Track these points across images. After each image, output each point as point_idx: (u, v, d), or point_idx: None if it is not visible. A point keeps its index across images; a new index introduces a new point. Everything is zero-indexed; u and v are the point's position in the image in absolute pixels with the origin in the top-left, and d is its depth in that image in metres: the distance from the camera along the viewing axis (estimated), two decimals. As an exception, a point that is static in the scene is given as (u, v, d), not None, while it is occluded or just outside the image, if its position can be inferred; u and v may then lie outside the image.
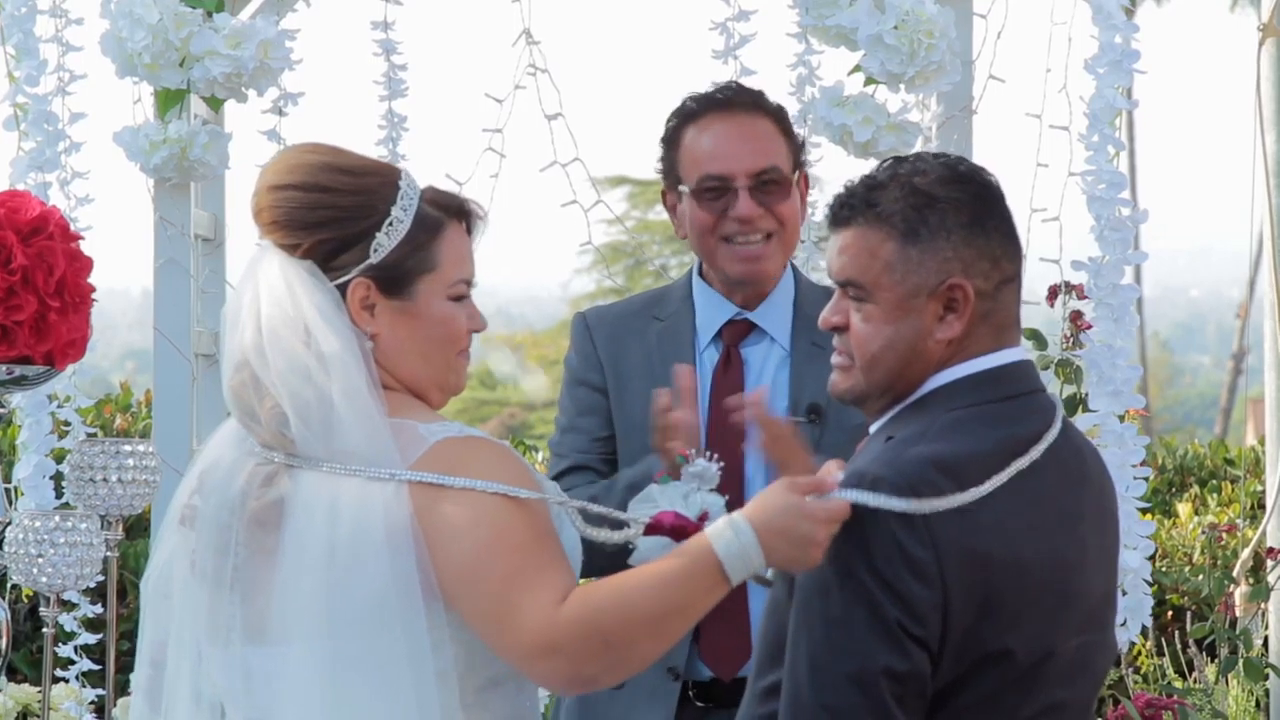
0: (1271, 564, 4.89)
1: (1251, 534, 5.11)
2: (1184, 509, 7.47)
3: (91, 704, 5.09)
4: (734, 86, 3.62)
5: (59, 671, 5.01)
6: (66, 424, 5.10)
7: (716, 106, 3.52)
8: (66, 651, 5.04)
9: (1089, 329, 4.46)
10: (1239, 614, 4.89)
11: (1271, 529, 4.96)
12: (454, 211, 2.70)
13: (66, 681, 5.08)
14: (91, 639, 5.08)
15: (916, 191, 2.52)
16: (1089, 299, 4.47)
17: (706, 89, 3.58)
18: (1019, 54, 4.63)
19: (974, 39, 4.62)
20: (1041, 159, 4.53)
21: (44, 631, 4.22)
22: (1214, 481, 8.07)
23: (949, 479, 2.43)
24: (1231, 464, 8.24)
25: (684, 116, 3.53)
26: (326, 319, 2.59)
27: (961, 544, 2.42)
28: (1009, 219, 2.59)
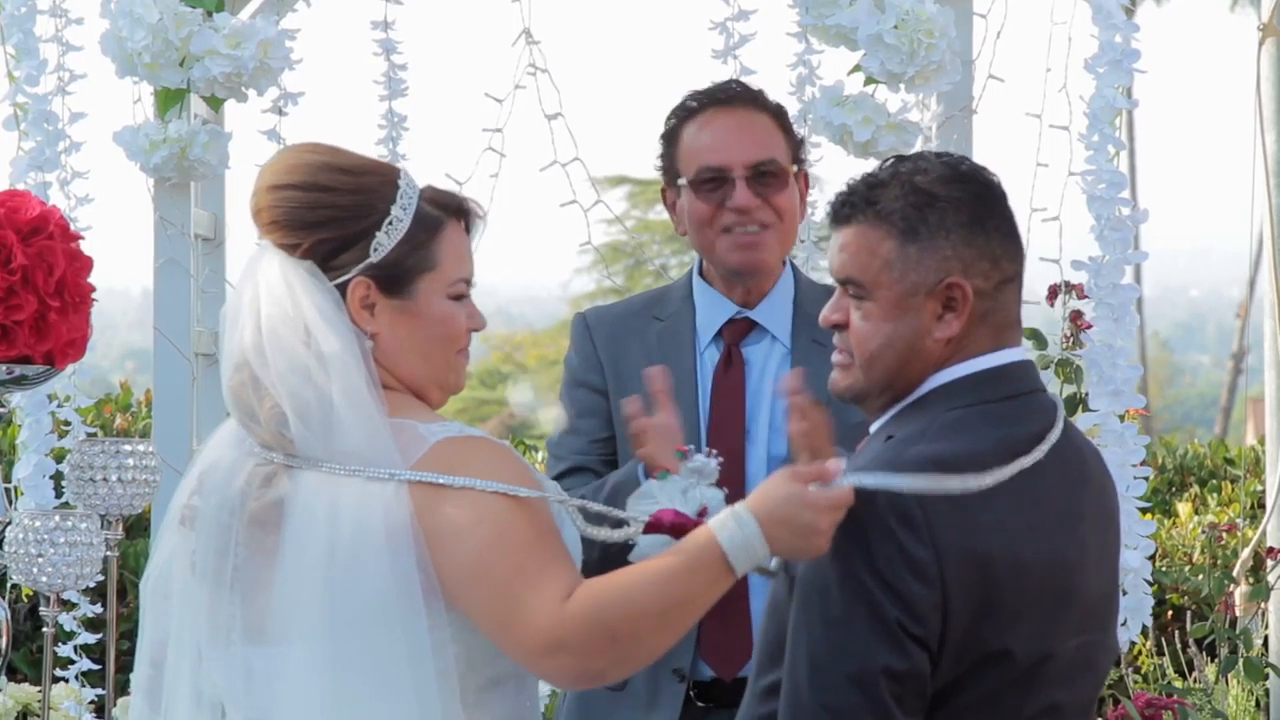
0: (1271, 564, 4.89)
1: (1251, 534, 5.11)
2: (1184, 509, 7.47)
3: (91, 703, 5.09)
4: (734, 85, 3.62)
5: (59, 671, 5.01)
6: (66, 424, 5.11)
7: (715, 103, 3.52)
8: (66, 651, 5.04)
9: (1089, 329, 4.46)
10: (1239, 614, 4.89)
11: (1271, 528, 4.96)
12: (453, 210, 2.70)
13: (66, 681, 5.08)
14: (91, 639, 5.08)
15: (917, 190, 2.52)
16: (1089, 298, 4.47)
17: (707, 87, 3.59)
18: (1019, 54, 4.63)
19: (974, 38, 4.62)
20: (1041, 159, 4.53)
21: (44, 631, 4.22)
22: (1214, 481, 8.07)
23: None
24: (1231, 463, 8.24)
25: (683, 113, 3.54)
26: (326, 319, 2.59)
27: (961, 544, 2.42)
28: (1011, 219, 2.59)
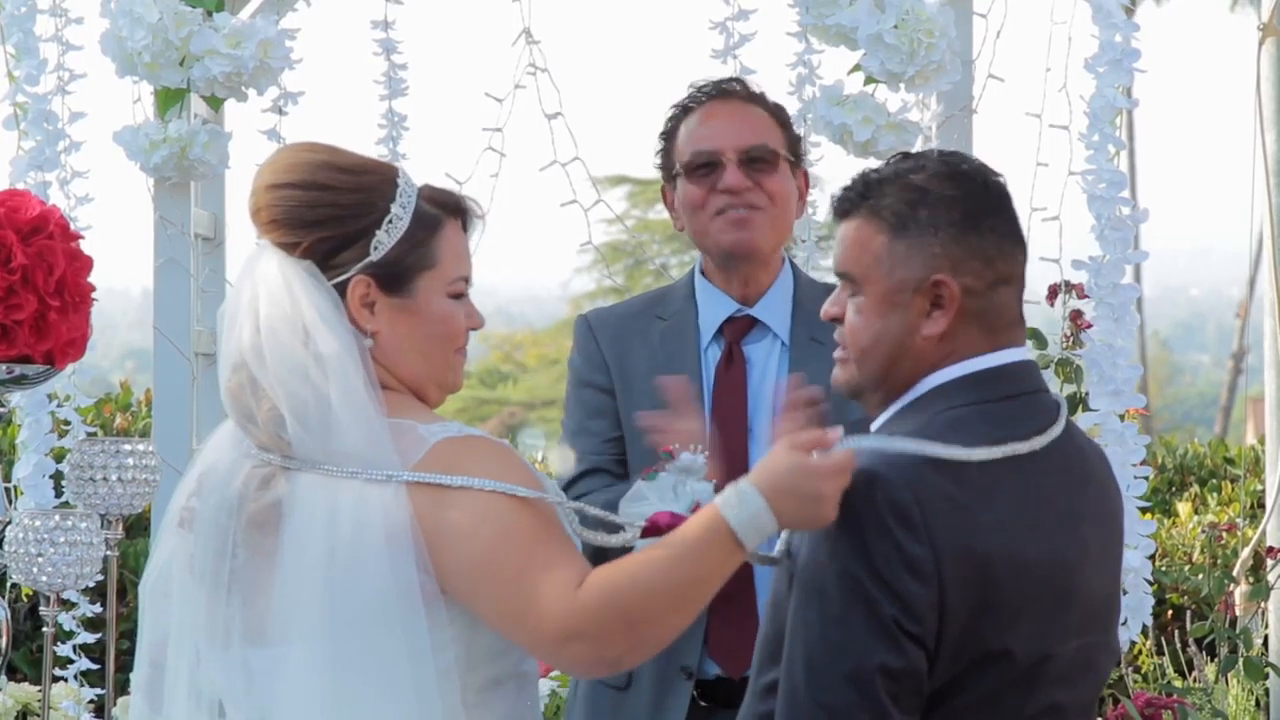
0: (1271, 563, 4.89)
1: (1251, 533, 5.11)
2: (1184, 508, 7.48)
3: (91, 703, 5.09)
4: (734, 83, 3.62)
5: (58, 671, 5.01)
6: (66, 423, 5.11)
7: (712, 98, 3.55)
8: (66, 650, 5.04)
9: (1089, 328, 4.46)
10: (1239, 613, 4.89)
11: (1271, 528, 4.96)
12: (451, 209, 2.70)
13: (65, 681, 5.08)
14: (91, 638, 5.07)
15: (910, 187, 2.53)
16: (1089, 298, 4.47)
17: (705, 84, 3.59)
18: (1019, 53, 4.63)
19: (974, 38, 4.62)
20: (1041, 158, 4.53)
21: (44, 630, 4.22)
22: (1214, 481, 8.08)
23: (946, 478, 2.43)
24: (1231, 463, 8.24)
25: (681, 111, 3.57)
26: (325, 319, 2.59)
27: (959, 542, 2.42)
28: (1010, 220, 2.58)
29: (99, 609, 5.05)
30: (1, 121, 4.96)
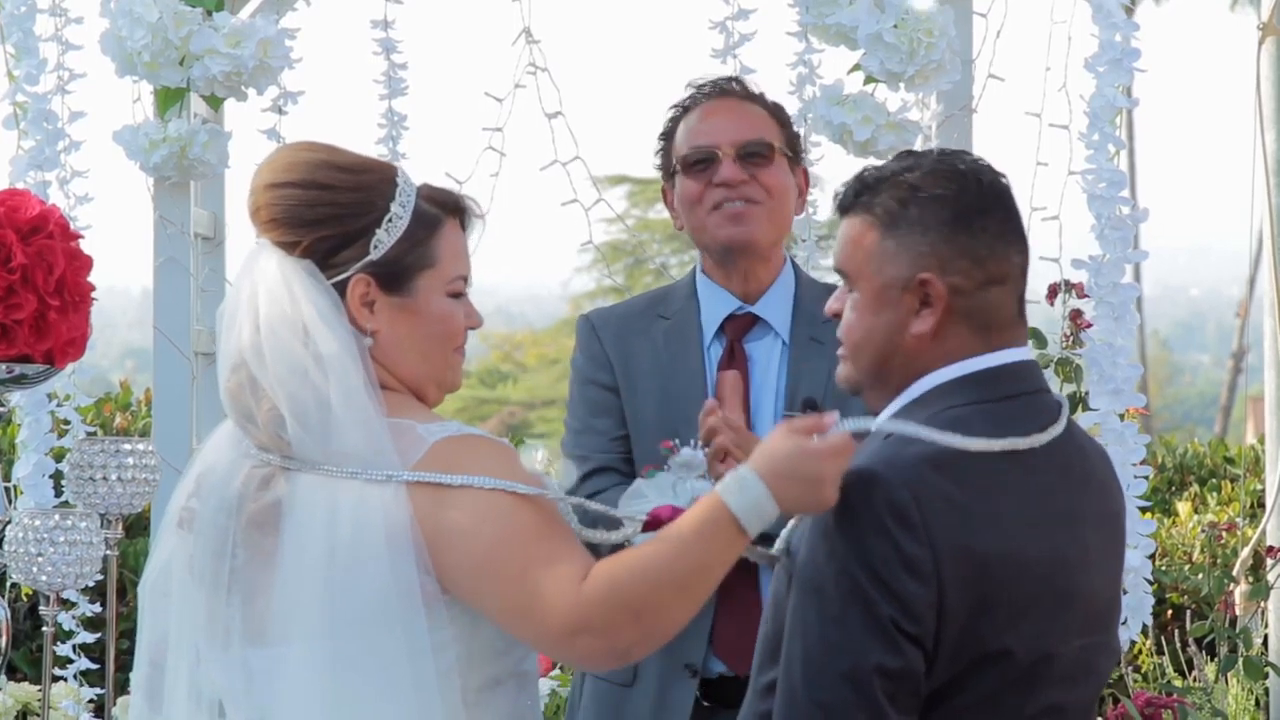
0: (1271, 562, 4.89)
1: (1251, 532, 5.11)
2: (1184, 508, 7.48)
3: (90, 702, 5.09)
4: (733, 82, 3.63)
5: (58, 670, 5.01)
6: (66, 423, 5.10)
7: (709, 97, 3.55)
8: (65, 650, 5.04)
9: (1089, 327, 4.46)
10: (1239, 613, 4.89)
11: (1271, 528, 4.96)
12: (450, 208, 2.70)
13: (65, 680, 5.08)
14: (90, 638, 5.07)
15: (902, 185, 2.54)
16: (1089, 297, 4.47)
17: (703, 83, 3.60)
18: (1019, 53, 4.63)
19: (974, 37, 4.62)
20: (1041, 157, 4.54)
21: (44, 630, 4.22)
22: (1214, 480, 8.08)
23: (945, 477, 2.43)
24: (1231, 462, 8.24)
25: (681, 110, 3.58)
26: (325, 319, 2.59)
27: (958, 542, 2.42)
28: (1004, 220, 2.56)
29: (99, 608, 5.05)
30: (1, 121, 4.96)
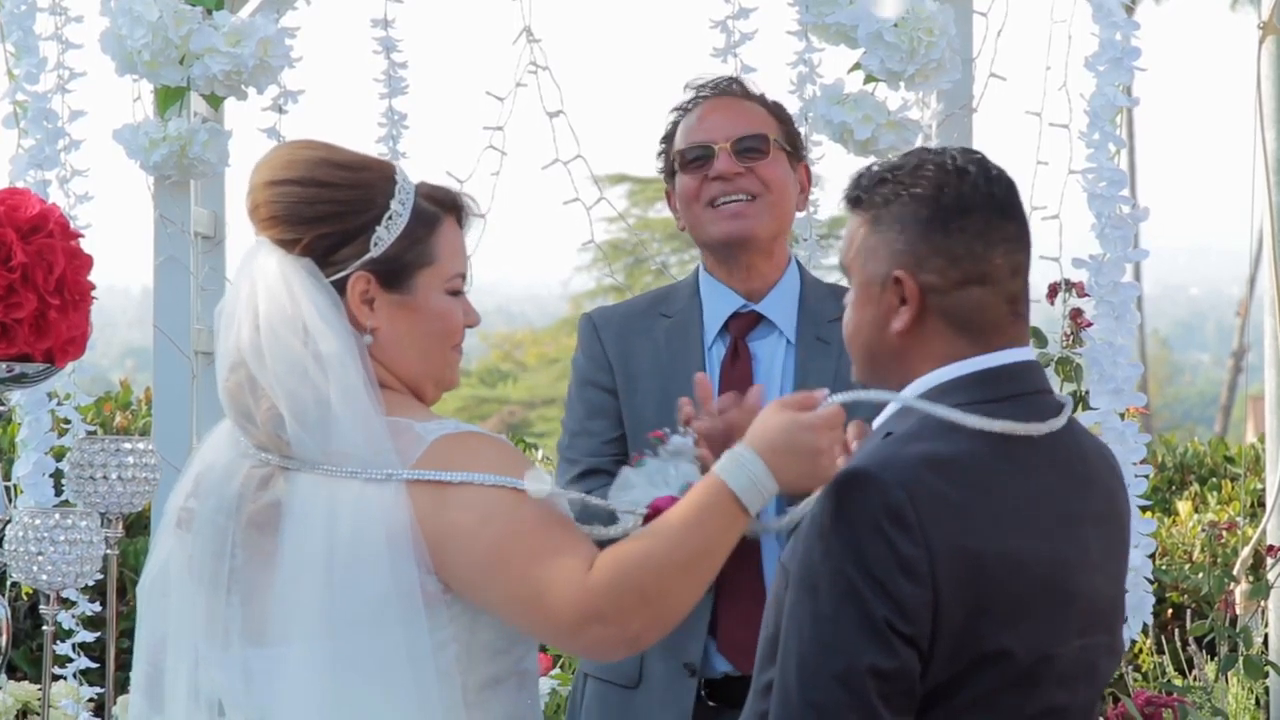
0: (1271, 562, 4.89)
1: (1251, 532, 5.11)
2: (1184, 507, 7.48)
3: (90, 701, 5.09)
4: (733, 82, 3.63)
5: (57, 669, 5.01)
6: (66, 422, 5.10)
7: (709, 96, 3.55)
8: (65, 649, 5.04)
9: (1089, 327, 4.46)
10: (1239, 612, 4.89)
11: (1271, 527, 4.96)
12: (449, 206, 2.70)
13: (65, 679, 5.08)
14: (90, 637, 5.07)
15: (891, 182, 2.55)
16: (1089, 297, 4.48)
17: (703, 83, 3.60)
18: (1019, 52, 4.63)
19: (974, 37, 4.62)
20: (1042, 157, 4.54)
21: (44, 629, 4.22)
22: (1214, 479, 8.08)
23: (942, 477, 2.43)
24: (1231, 462, 8.24)
25: (681, 112, 3.58)
26: (325, 318, 2.58)
27: (954, 542, 2.41)
28: (990, 221, 2.53)
29: (99, 607, 5.05)
30: (1, 120, 4.96)
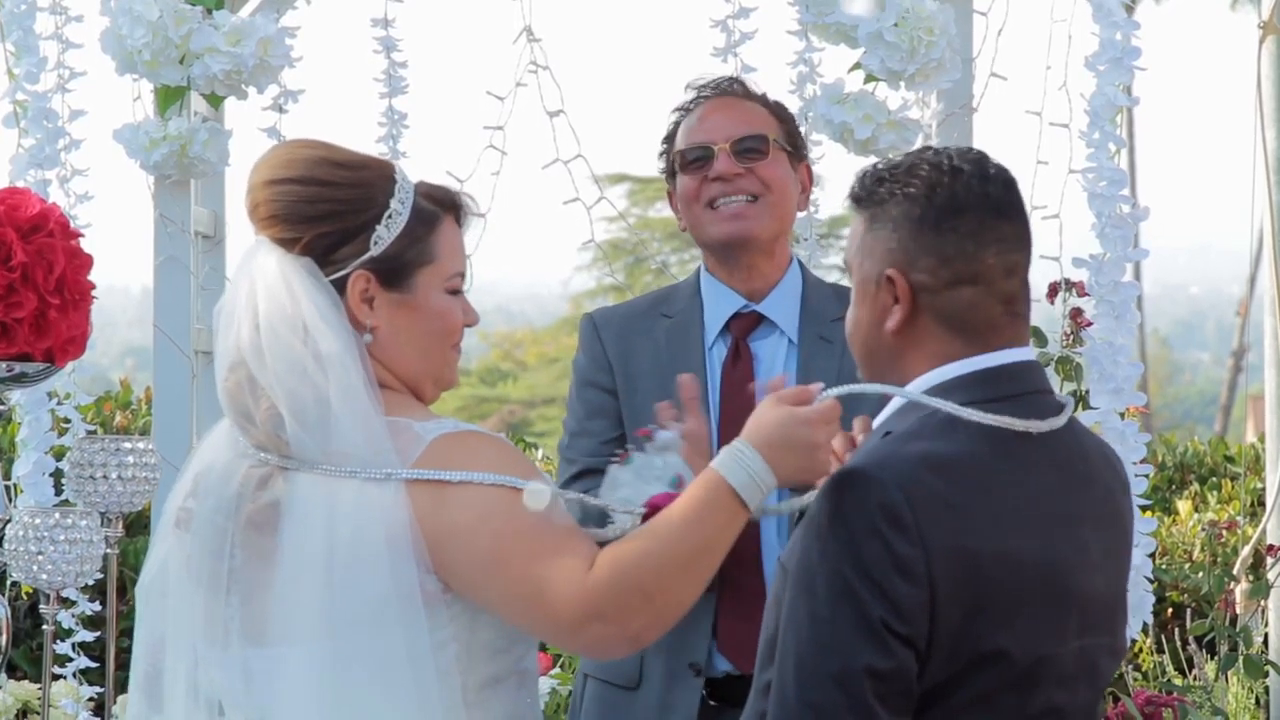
0: (1271, 561, 4.89)
1: (1251, 531, 5.11)
2: (1184, 506, 7.48)
3: (90, 700, 5.09)
4: (734, 83, 3.62)
5: (57, 669, 5.01)
6: (66, 421, 5.10)
7: (709, 97, 3.55)
8: (65, 648, 5.04)
9: (1089, 326, 4.46)
10: (1239, 611, 4.89)
11: (1271, 526, 4.96)
12: (448, 205, 2.71)
13: (65, 679, 5.08)
14: (90, 636, 5.07)
15: (886, 181, 2.57)
16: (1089, 296, 4.48)
17: (704, 83, 3.60)
18: (1019, 51, 4.63)
19: (974, 36, 4.62)
20: (1042, 156, 4.53)
21: (44, 629, 4.22)
22: (1214, 479, 8.08)
23: (941, 478, 2.43)
24: (1231, 461, 8.24)
25: (682, 113, 3.58)
26: (325, 318, 2.58)
27: (951, 542, 2.41)
28: (984, 221, 2.53)
29: (99, 607, 5.05)
30: (1, 119, 4.96)
